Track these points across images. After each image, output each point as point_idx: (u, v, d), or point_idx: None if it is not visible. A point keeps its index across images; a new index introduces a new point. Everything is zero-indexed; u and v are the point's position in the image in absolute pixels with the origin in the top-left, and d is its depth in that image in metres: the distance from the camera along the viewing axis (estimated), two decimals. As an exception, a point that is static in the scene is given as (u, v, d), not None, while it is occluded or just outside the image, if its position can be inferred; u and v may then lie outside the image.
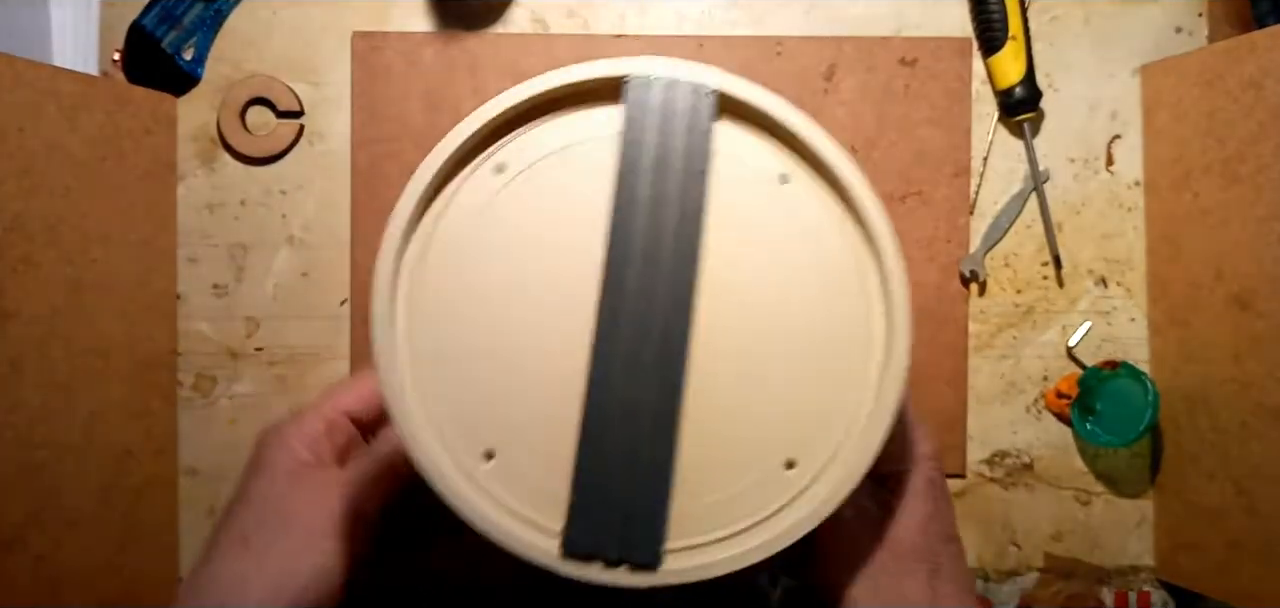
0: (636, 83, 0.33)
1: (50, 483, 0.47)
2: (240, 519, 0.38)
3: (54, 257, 0.47)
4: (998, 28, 0.53)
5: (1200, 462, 0.51)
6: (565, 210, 0.33)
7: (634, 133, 0.33)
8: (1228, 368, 0.49)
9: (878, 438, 0.32)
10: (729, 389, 0.33)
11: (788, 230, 0.34)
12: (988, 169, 0.55)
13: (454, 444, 0.32)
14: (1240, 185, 0.48)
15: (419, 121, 0.54)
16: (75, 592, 0.48)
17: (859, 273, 0.33)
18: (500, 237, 0.33)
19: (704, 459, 0.33)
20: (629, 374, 0.32)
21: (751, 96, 0.34)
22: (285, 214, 0.54)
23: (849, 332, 0.33)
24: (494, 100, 0.33)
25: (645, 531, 0.32)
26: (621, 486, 0.32)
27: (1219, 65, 0.50)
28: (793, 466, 0.33)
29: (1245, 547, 0.49)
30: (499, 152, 0.34)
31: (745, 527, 0.32)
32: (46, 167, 0.46)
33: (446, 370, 0.33)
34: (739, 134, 0.34)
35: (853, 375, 0.33)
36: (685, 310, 0.32)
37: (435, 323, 0.33)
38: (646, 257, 0.32)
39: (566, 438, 0.32)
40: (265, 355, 0.54)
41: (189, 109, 0.54)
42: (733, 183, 0.33)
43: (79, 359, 0.48)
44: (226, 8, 0.54)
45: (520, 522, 0.32)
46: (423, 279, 0.33)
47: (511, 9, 0.55)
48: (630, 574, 0.32)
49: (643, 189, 0.33)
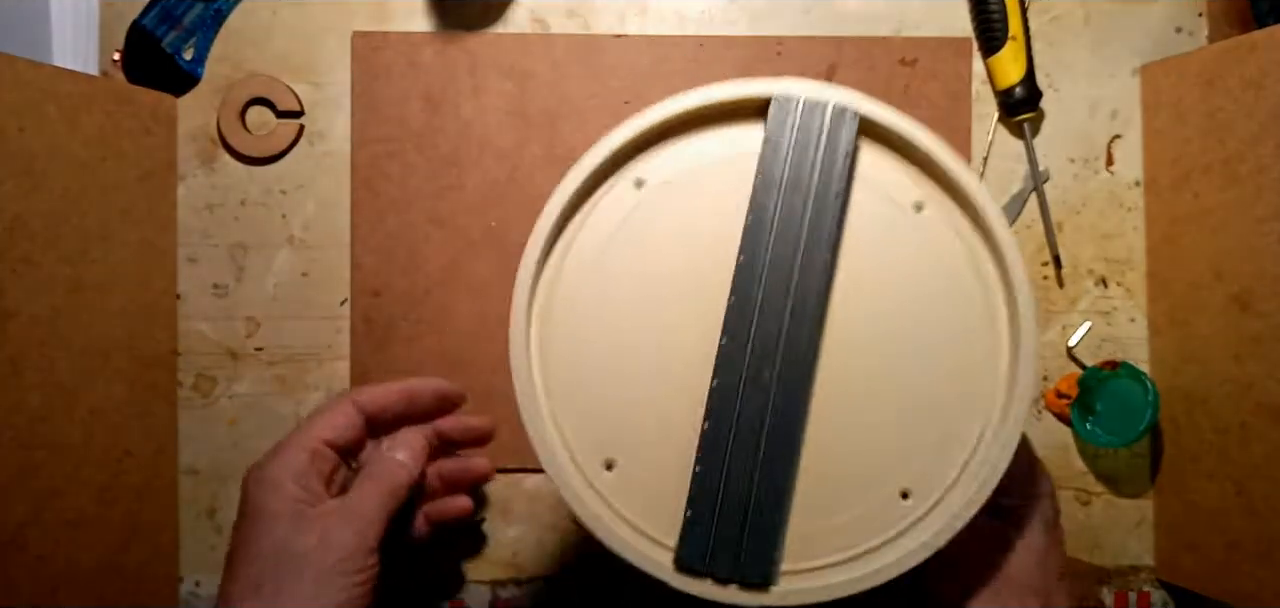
0: (779, 103, 0.33)
1: (50, 483, 0.47)
2: (249, 571, 0.38)
3: (54, 257, 0.47)
4: (998, 28, 0.53)
5: (1200, 462, 0.51)
6: (699, 228, 0.34)
7: (773, 153, 0.33)
8: (1228, 368, 0.49)
9: (997, 474, 0.32)
10: (850, 416, 0.33)
11: (920, 259, 0.34)
12: (988, 169, 0.55)
13: (577, 452, 0.33)
14: (1240, 185, 0.48)
15: (419, 121, 0.54)
16: (75, 592, 0.48)
17: (988, 306, 0.33)
18: (634, 251, 0.34)
19: (820, 484, 0.33)
20: (751, 394, 0.32)
21: (893, 122, 0.33)
22: (285, 214, 0.54)
23: (973, 364, 0.33)
24: (639, 116, 0.33)
25: (759, 551, 0.32)
26: (737, 504, 0.32)
27: (1219, 65, 0.50)
28: (908, 496, 0.33)
29: (1245, 547, 0.49)
30: (639, 165, 0.34)
31: (858, 554, 0.32)
32: (46, 166, 0.46)
33: (575, 380, 0.33)
34: (877, 158, 0.34)
35: (975, 409, 0.33)
36: (813, 334, 0.32)
37: (567, 334, 0.34)
38: (777, 278, 0.33)
39: (686, 453, 0.32)
40: (265, 356, 0.54)
41: (189, 109, 0.54)
42: (869, 208, 0.34)
43: (79, 359, 0.48)
44: (226, 7, 0.54)
45: (636, 533, 0.33)
46: (558, 290, 0.34)
47: (511, 9, 0.55)
48: (741, 593, 0.32)
49: (778, 210, 0.33)
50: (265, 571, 0.37)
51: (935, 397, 0.33)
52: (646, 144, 0.34)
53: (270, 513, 0.38)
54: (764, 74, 0.54)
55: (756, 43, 0.54)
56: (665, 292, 0.33)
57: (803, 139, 0.33)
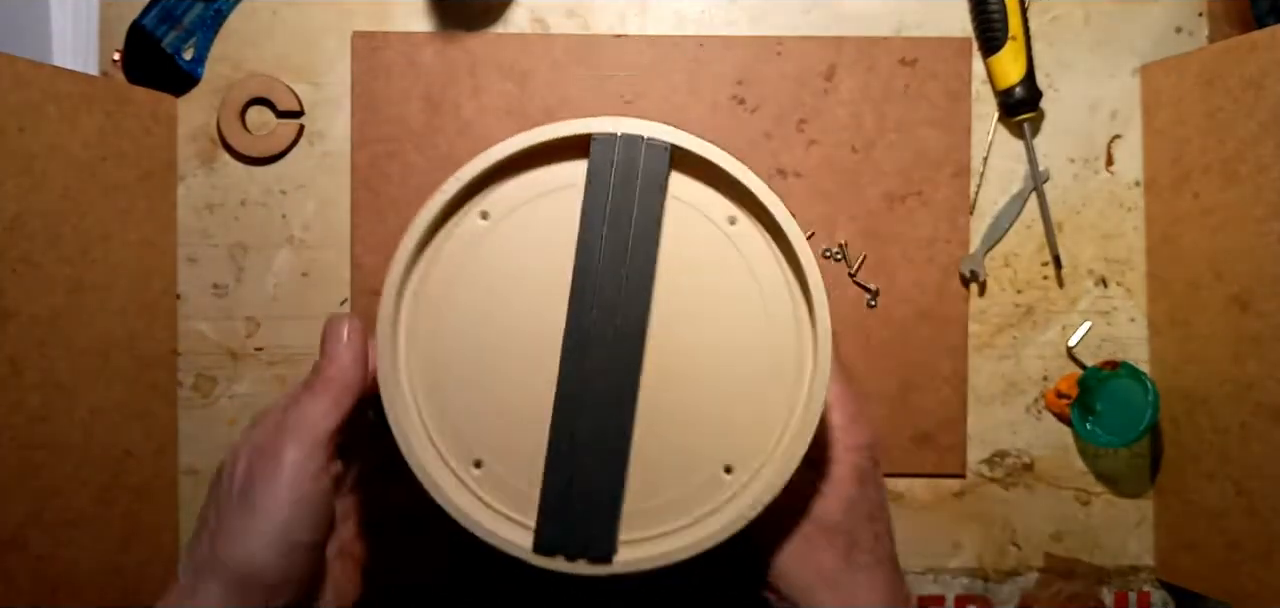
0: (600, 140, 0.38)
1: (50, 483, 0.47)
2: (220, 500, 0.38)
3: (54, 257, 0.47)
4: (998, 28, 0.53)
5: (1200, 462, 0.51)
6: (539, 253, 0.38)
7: (597, 183, 0.38)
8: (1227, 368, 0.49)
9: (802, 446, 0.37)
10: (676, 406, 0.38)
11: (735, 265, 0.39)
12: (988, 169, 0.55)
13: (448, 455, 0.38)
14: (1240, 185, 0.48)
15: (419, 122, 0.54)
16: (75, 592, 0.48)
17: (793, 304, 0.38)
18: (485, 275, 0.38)
19: (654, 467, 0.38)
20: (589, 397, 0.37)
21: (701, 150, 0.38)
22: (285, 214, 0.54)
23: (784, 352, 0.38)
24: (480, 156, 0.38)
25: (602, 529, 0.37)
26: (582, 491, 0.37)
27: (1219, 65, 0.50)
28: (731, 470, 0.38)
29: (1245, 547, 0.49)
30: (484, 200, 0.39)
31: (689, 523, 0.38)
32: (46, 166, 0.46)
33: (441, 393, 0.38)
34: (692, 184, 0.39)
35: (784, 393, 0.38)
36: (637, 340, 0.38)
37: (431, 351, 0.38)
38: (606, 293, 0.37)
39: (539, 451, 0.37)
40: (265, 356, 0.54)
41: (189, 109, 0.54)
42: (686, 224, 0.38)
43: (79, 359, 0.48)
44: (226, 8, 0.54)
45: (502, 521, 0.37)
46: (419, 311, 0.38)
47: (511, 9, 0.55)
48: (589, 566, 0.37)
49: (603, 233, 0.38)
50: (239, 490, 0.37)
51: (752, 383, 0.38)
52: (489, 180, 0.39)
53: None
54: (763, 74, 0.54)
55: (756, 43, 0.54)
56: (514, 310, 0.38)
57: (624, 169, 0.38)
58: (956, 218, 0.54)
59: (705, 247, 0.39)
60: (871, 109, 0.54)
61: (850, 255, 0.54)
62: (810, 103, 0.54)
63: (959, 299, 0.55)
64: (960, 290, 0.55)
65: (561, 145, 0.38)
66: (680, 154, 0.38)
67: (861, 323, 0.55)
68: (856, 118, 0.54)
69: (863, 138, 0.54)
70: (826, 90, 0.54)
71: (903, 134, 0.54)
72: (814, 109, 0.54)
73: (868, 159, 0.54)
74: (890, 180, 0.54)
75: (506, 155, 0.38)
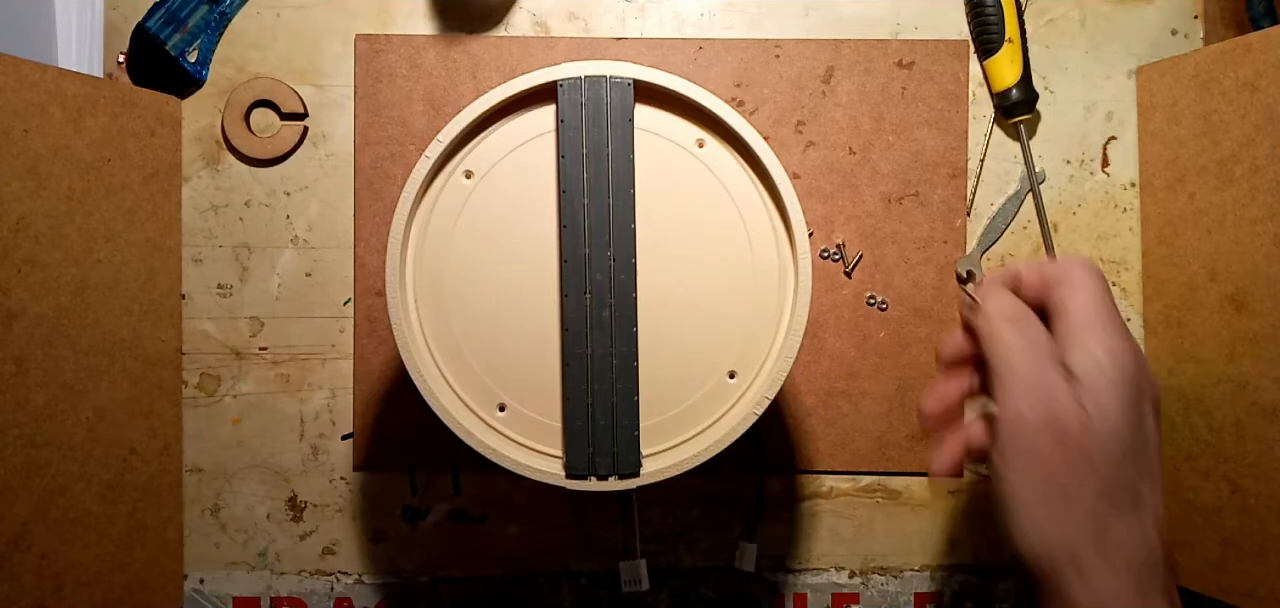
0: (567, 85, 0.40)
1: (55, 482, 0.47)
2: None
3: (59, 257, 0.47)
4: (994, 30, 0.53)
5: (1196, 461, 0.51)
6: (525, 200, 0.41)
7: (569, 126, 0.40)
8: (1223, 367, 0.50)
9: (794, 345, 0.40)
10: (676, 322, 0.41)
11: (709, 186, 0.41)
12: (984, 170, 0.55)
13: (474, 404, 0.41)
14: (1235, 186, 0.49)
15: (422, 123, 0.54)
16: (79, 590, 0.48)
17: (769, 216, 0.41)
18: (479, 229, 0.41)
19: (664, 381, 0.41)
20: (593, 330, 0.40)
21: (663, 81, 0.41)
22: (289, 215, 0.55)
23: (767, 261, 0.41)
24: (456, 117, 0.40)
25: (625, 446, 0.40)
26: (600, 417, 0.40)
27: (1214, 67, 0.50)
28: (734, 375, 0.41)
29: (1240, 545, 0.49)
30: (466, 159, 0.41)
31: (702, 429, 0.41)
32: (51, 168, 0.47)
33: (458, 348, 0.41)
34: (658, 115, 0.42)
35: (773, 296, 0.41)
36: (629, 268, 0.40)
37: (442, 313, 0.41)
38: (592, 228, 0.40)
39: (556, 387, 0.41)
40: (269, 355, 0.55)
41: (193, 111, 0.55)
42: (657, 152, 0.41)
43: (84, 359, 0.48)
44: (231, 10, 0.55)
45: (534, 455, 0.41)
46: (423, 279, 0.41)
47: (513, 12, 0.55)
48: (619, 482, 0.40)
49: (583, 170, 0.40)
50: None
51: (742, 292, 0.41)
52: (468, 140, 0.41)
53: None
54: (761, 77, 0.55)
55: (755, 45, 0.55)
56: (511, 261, 0.41)
57: (592, 109, 0.40)
58: (953, 219, 0.55)
59: (679, 171, 0.41)
60: (869, 111, 0.55)
61: (847, 255, 0.55)
62: (808, 105, 0.55)
63: (956, 300, 0.55)
64: (957, 291, 0.55)
65: (532, 96, 0.41)
66: (643, 87, 0.41)
67: (860, 323, 0.55)
68: (854, 120, 0.55)
69: (860, 139, 0.55)
70: (824, 92, 0.55)
71: (900, 136, 0.55)
72: (812, 111, 0.55)
73: (865, 160, 0.55)
74: (888, 182, 0.55)
75: (481, 112, 0.40)
